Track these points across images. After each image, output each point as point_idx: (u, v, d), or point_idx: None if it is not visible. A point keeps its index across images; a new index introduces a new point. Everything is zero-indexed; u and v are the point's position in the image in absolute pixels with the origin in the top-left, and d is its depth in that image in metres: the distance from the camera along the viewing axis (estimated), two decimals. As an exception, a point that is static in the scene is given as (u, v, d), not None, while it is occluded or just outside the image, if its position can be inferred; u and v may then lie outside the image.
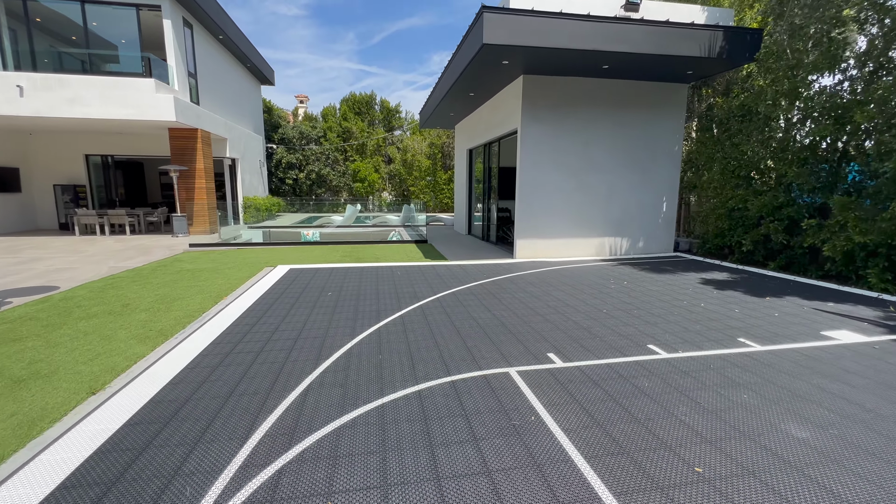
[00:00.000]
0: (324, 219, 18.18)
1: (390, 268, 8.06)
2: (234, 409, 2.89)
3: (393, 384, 3.25)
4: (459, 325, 4.65)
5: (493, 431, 2.62)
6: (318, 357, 3.75)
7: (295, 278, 7.11)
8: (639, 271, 7.82)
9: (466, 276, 7.36)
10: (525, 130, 8.79)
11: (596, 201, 9.40)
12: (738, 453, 2.43)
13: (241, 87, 19.22)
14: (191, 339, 4.21)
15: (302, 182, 25.87)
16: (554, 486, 2.15)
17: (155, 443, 2.51)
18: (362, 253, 10.04)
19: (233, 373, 3.43)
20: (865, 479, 2.23)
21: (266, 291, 6.20)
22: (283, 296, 5.95)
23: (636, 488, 2.15)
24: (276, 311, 5.22)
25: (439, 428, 2.66)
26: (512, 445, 2.49)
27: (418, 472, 2.26)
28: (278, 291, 6.20)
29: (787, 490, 2.15)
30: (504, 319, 4.88)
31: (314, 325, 4.67)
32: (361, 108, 27.79)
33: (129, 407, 2.92)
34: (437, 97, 11.30)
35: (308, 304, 5.52)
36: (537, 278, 7.18)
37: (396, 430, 2.63)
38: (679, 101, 9.46)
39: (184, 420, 2.75)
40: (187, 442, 2.51)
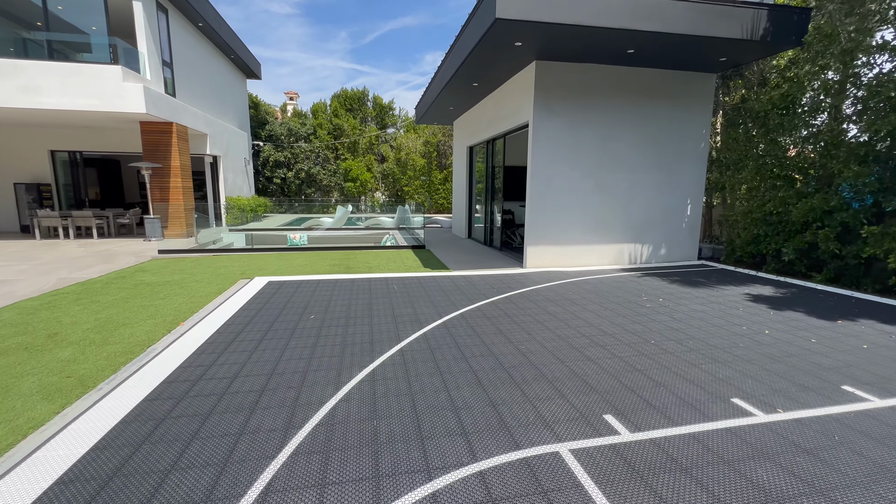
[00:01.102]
0: (312, 221, 17.06)
1: (385, 280, 7.00)
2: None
3: (394, 480, 2.21)
4: (477, 366, 3.61)
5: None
6: (287, 426, 2.70)
7: (273, 294, 6.03)
8: (669, 284, 6.85)
9: (474, 290, 6.33)
10: (537, 124, 7.78)
11: (615, 203, 8.43)
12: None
13: (225, 80, 18.00)
14: (116, 393, 3.12)
15: (291, 181, 24.67)
16: None
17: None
18: (353, 261, 8.97)
19: (157, 462, 2.36)
20: None
21: (235, 313, 5.11)
22: (255, 320, 4.86)
23: None
24: (243, 344, 4.14)
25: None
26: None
27: None
28: (250, 313, 5.11)
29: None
30: (532, 356, 3.86)
31: (289, 366, 3.60)
32: (353, 104, 26.65)
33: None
34: (437, 88, 10.25)
35: (285, 332, 4.45)
36: (556, 294, 6.17)
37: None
38: (706, 93, 8.52)
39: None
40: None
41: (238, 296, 5.94)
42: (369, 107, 27.29)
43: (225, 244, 13.13)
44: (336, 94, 26.87)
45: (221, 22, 16.19)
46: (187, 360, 3.71)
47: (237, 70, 19.67)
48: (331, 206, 24.17)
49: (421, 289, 6.42)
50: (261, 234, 14.02)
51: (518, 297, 5.99)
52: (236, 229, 14.84)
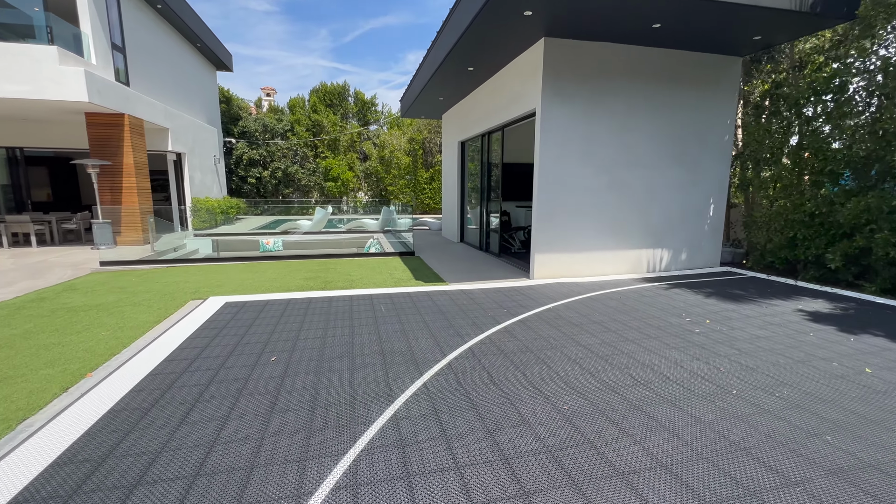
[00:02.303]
0: (289, 224, 15.66)
1: (371, 298, 5.80)
2: None
3: None
4: (509, 447, 2.47)
5: None
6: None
7: (228, 322, 4.77)
8: (705, 298, 5.85)
9: (479, 311, 5.19)
10: (547, 111, 6.69)
11: (632, 204, 7.40)
12: None
13: (190, 70, 16.43)
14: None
15: (266, 181, 23.12)
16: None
17: None
18: (333, 272, 7.72)
19: None
20: None
21: (169, 356, 3.84)
22: (192, 369, 3.61)
23: None
24: (170, 408, 2.91)
25: None
26: None
27: None
28: (189, 356, 3.86)
29: None
30: (583, 423, 2.73)
31: (222, 464, 2.39)
32: (333, 99, 25.22)
33: None
34: (426, 74, 9.08)
35: (230, 392, 3.22)
36: (579, 315, 5.08)
37: None
38: (731, 79, 7.57)
39: None
40: None
41: (181, 326, 4.66)
42: (350, 102, 25.90)
43: (188, 252, 11.70)
44: (315, 89, 25.39)
45: (185, 6, 14.66)
46: (78, 443, 2.45)
47: (205, 60, 18.08)
48: (310, 207, 22.72)
49: (414, 310, 5.24)
50: (230, 239, 12.60)
51: (535, 320, 4.87)
52: (202, 234, 13.37)
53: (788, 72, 7.39)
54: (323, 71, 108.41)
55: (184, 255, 11.17)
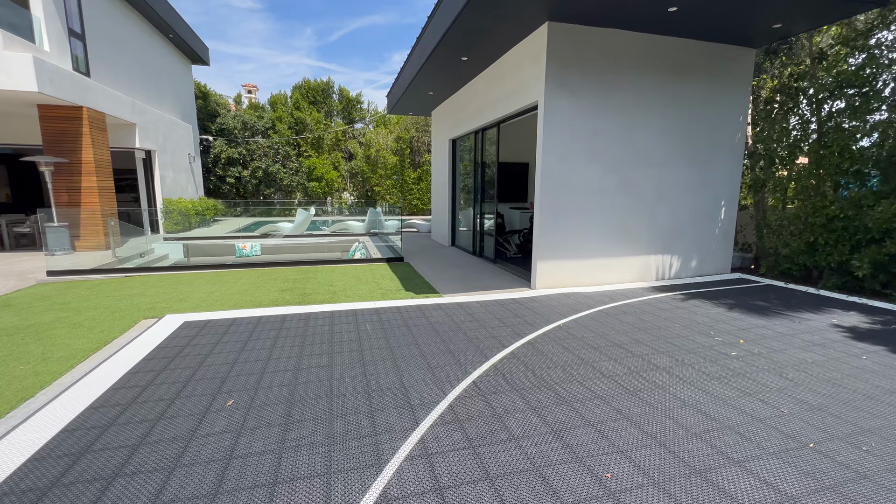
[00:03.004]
0: (268, 226, 14.77)
1: (355, 315, 5.07)
2: None
3: None
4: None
5: None
6: None
7: (183, 349, 3.99)
8: (728, 311, 5.27)
9: (480, 331, 4.51)
10: (550, 105, 6.05)
11: (641, 206, 6.82)
12: None
13: (161, 62, 15.39)
14: None
15: (246, 181, 22.09)
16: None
17: None
18: (313, 281, 6.95)
19: None
20: None
21: (98, 399, 3.06)
22: (126, 415, 2.84)
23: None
24: (72, 493, 2.14)
25: None
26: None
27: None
28: (126, 397, 3.08)
29: None
30: (633, 501, 2.07)
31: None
32: (317, 96, 24.30)
33: None
34: (416, 64, 8.36)
35: (171, 450, 2.47)
36: (595, 334, 4.43)
37: None
38: (744, 72, 7.06)
39: None
40: None
41: (123, 355, 3.86)
42: (335, 100, 25.00)
43: (156, 257, 10.75)
44: (298, 86, 24.43)
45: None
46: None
47: (179, 53, 17.03)
48: (293, 208, 21.78)
49: (405, 330, 4.53)
50: (203, 243, 11.67)
51: (545, 342, 4.21)
52: (173, 238, 12.40)
53: (807, 64, 6.89)
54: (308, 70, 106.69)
55: (151, 261, 10.24)
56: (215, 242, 11.61)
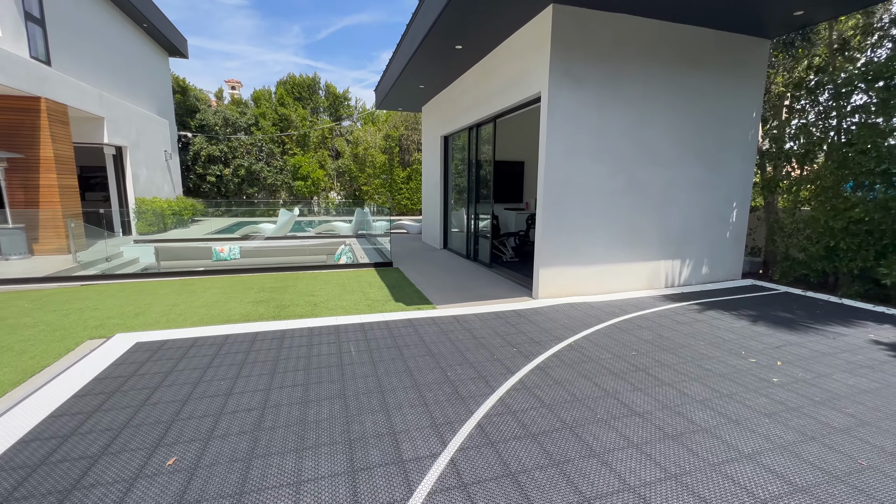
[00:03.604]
0: (249, 228, 13.99)
1: (337, 332, 4.44)
2: None
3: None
4: None
5: None
6: None
7: (128, 380, 3.32)
8: (751, 324, 4.78)
9: (480, 351, 3.92)
10: (555, 96, 5.49)
11: (650, 208, 6.32)
12: None
13: (135, 54, 14.49)
14: None
15: (228, 180, 21.18)
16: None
17: None
18: (292, 290, 6.29)
19: None
20: None
21: (5, 453, 2.40)
22: (35, 478, 2.19)
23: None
24: None
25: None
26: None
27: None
28: (39, 454, 2.42)
29: None
30: None
31: None
32: (302, 92, 23.47)
33: None
34: (406, 54, 7.74)
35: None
36: (613, 355, 3.88)
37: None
38: (758, 65, 6.61)
39: None
40: None
41: (52, 388, 3.17)
42: (321, 96, 24.20)
43: (124, 262, 9.96)
44: (282, 81, 23.56)
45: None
46: None
47: (154, 44, 16.11)
48: (277, 208, 20.95)
49: (395, 351, 3.92)
50: (176, 246, 10.87)
51: (558, 366, 3.64)
52: (144, 241, 11.57)
53: (824, 56, 6.46)
54: (295, 68, 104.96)
55: (117, 266, 9.45)
56: (190, 245, 10.83)
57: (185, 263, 10.23)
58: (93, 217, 12.89)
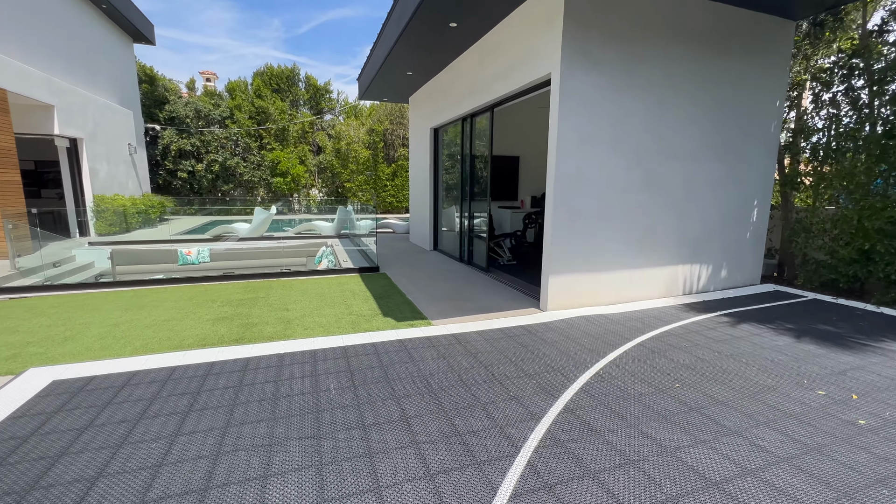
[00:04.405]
0: (221, 227, 12.94)
1: (313, 359, 3.63)
2: None
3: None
4: None
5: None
6: None
7: (23, 443, 2.46)
8: (795, 341, 4.15)
9: (493, 387, 3.17)
10: (568, 79, 4.76)
11: (668, 207, 5.66)
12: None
13: (94, 38, 13.24)
14: None
15: (201, 176, 19.93)
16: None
17: None
18: (262, 303, 5.43)
19: None
20: None
21: None
22: None
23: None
24: None
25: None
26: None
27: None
28: None
29: None
30: None
31: None
32: (281, 84, 22.29)
33: None
34: (392, 36, 6.90)
35: None
36: (652, 387, 3.18)
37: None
38: (782, 49, 6.01)
39: None
40: None
41: None
42: (301, 88, 23.04)
43: (76, 267, 8.88)
44: (259, 72, 22.33)
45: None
46: None
47: (116, 28, 14.83)
48: (255, 206, 19.81)
49: (386, 388, 3.14)
50: (136, 249, 9.81)
51: (591, 406, 2.91)
52: (102, 243, 10.46)
53: (855, 40, 5.90)
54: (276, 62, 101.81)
55: (66, 273, 8.37)
56: (152, 248, 9.78)
57: (147, 269, 9.21)
58: (47, 217, 11.70)
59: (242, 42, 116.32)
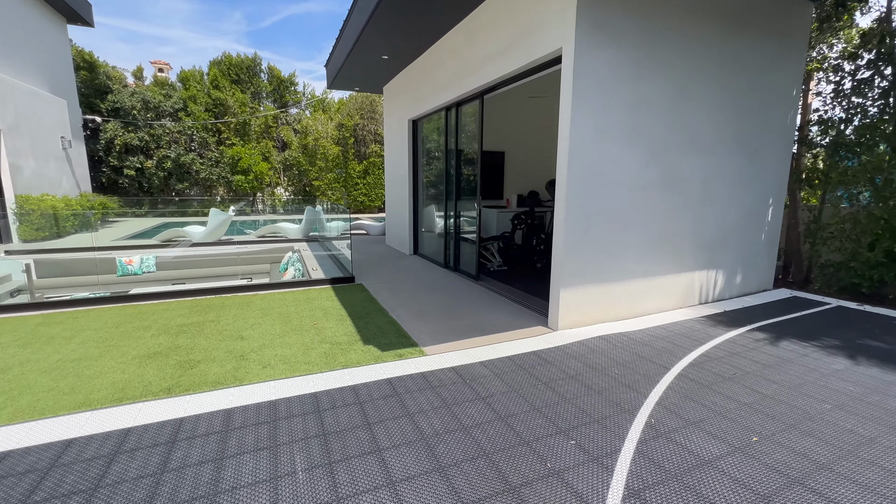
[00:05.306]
0: (171, 231, 11.53)
1: (273, 418, 2.69)
2: None
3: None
4: None
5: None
6: None
7: None
8: (853, 363, 3.56)
9: (518, 451, 2.34)
10: (583, 55, 3.99)
11: (686, 207, 5.02)
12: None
13: (15, 15, 11.48)
14: None
15: (151, 173, 18.14)
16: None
17: None
18: (210, 329, 4.38)
19: None
20: None
21: None
22: None
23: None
24: None
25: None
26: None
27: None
28: None
29: None
30: None
31: None
32: (241, 74, 20.69)
33: None
34: (366, 10, 5.93)
35: None
36: (729, 445, 2.44)
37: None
38: (800, 33, 5.49)
39: None
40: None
41: None
42: (263, 79, 21.50)
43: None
44: (216, 61, 20.64)
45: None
46: None
47: (44, 6, 13.04)
48: (215, 206, 18.21)
49: (375, 462, 2.24)
50: (62, 259, 8.38)
51: (657, 484, 2.13)
52: (22, 251, 8.94)
53: (885, 23, 5.45)
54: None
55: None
56: (85, 257, 8.39)
57: (77, 282, 7.85)
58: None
59: (201, 35, 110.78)
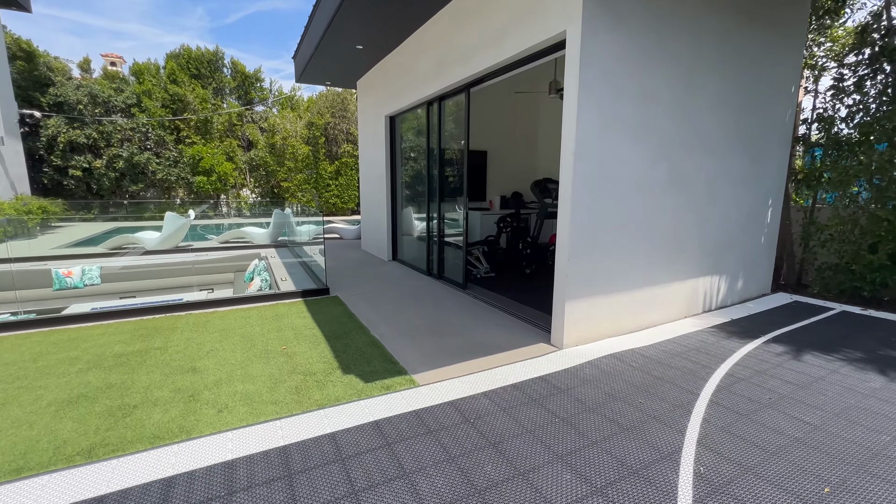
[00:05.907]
0: (121, 237, 10.44)
1: (227, 489, 2.06)
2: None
3: None
4: None
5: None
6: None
7: None
8: (888, 380, 3.26)
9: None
10: (590, 39, 3.54)
11: (692, 209, 4.68)
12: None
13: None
14: None
15: (101, 174, 16.69)
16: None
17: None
18: (154, 359, 3.67)
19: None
20: None
21: None
22: None
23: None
24: None
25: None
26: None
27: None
28: None
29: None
30: None
31: None
32: (201, 68, 19.45)
33: None
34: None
35: None
36: (797, 499, 2.01)
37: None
38: (798, 26, 5.28)
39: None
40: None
41: None
42: (226, 74, 20.30)
43: None
44: (174, 54, 19.31)
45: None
46: None
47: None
48: (172, 209, 16.92)
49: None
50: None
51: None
52: (-63, 263, 7.75)
53: (884, 15, 5.30)
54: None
55: None
56: (13, 268, 7.34)
57: (2, 297, 6.83)
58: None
59: (160, 30, 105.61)
